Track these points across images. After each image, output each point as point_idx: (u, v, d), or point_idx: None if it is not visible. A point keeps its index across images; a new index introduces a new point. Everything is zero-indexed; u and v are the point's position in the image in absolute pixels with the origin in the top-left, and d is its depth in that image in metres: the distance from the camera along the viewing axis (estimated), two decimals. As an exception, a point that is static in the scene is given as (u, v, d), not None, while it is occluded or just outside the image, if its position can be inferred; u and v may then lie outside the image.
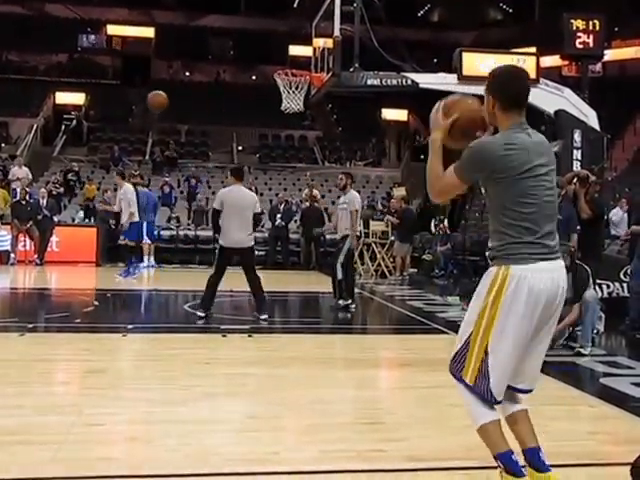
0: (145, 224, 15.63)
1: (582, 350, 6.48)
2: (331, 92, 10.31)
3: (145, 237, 15.67)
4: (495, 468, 3.18)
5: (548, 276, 2.89)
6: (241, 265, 8.54)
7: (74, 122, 27.06)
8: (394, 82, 8.92)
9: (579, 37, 10.49)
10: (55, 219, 16.46)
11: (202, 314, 8.14)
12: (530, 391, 3.08)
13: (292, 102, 9.87)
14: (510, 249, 2.90)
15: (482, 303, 2.92)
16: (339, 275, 9.18)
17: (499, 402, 2.95)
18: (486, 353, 2.89)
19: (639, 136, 24.54)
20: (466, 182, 3.03)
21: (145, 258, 15.71)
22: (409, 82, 9.00)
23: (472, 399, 2.97)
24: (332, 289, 9.61)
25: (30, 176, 17.46)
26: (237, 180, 8.40)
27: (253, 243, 8.55)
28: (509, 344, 2.87)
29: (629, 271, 8.53)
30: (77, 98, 29.01)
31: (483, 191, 3.07)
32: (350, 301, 9.18)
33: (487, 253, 3.08)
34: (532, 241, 2.88)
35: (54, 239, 16.01)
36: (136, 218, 13.01)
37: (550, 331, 3.02)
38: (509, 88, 3.00)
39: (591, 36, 10.50)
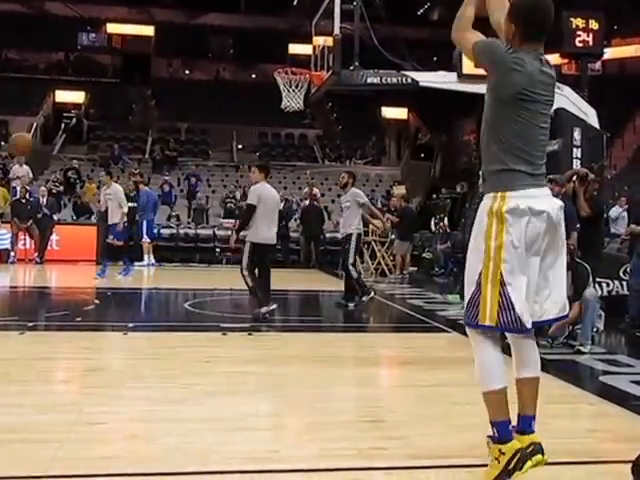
0: (145, 223, 15.68)
1: (582, 348, 6.49)
2: (331, 90, 10.30)
3: (145, 236, 15.70)
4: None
5: (542, 200, 2.93)
6: (261, 260, 8.40)
7: (74, 120, 27.05)
8: (394, 80, 8.92)
9: (579, 35, 10.49)
10: (55, 217, 16.48)
11: (273, 306, 8.20)
12: (562, 317, 3.10)
13: (292, 100, 9.87)
14: (505, 176, 2.92)
15: (484, 236, 2.90)
16: (353, 274, 9.25)
17: (530, 330, 2.93)
18: (502, 284, 2.86)
19: (639, 134, 24.53)
20: (475, 60, 3.05)
21: (145, 257, 15.73)
22: (409, 80, 9.00)
23: (484, 363, 2.95)
24: (344, 289, 9.69)
25: (31, 174, 17.47)
26: (265, 177, 8.40)
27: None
28: (520, 270, 2.86)
29: (628, 269, 8.54)
30: (77, 96, 29.01)
31: (484, 112, 3.08)
32: (371, 293, 9.31)
33: (480, 182, 3.11)
34: (527, 170, 2.91)
35: (54, 237, 16.03)
36: (124, 218, 12.93)
37: (559, 255, 3.02)
38: (532, 18, 2.99)
39: (591, 34, 10.50)
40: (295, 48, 28.09)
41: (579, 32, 10.50)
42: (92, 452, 3.45)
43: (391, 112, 30.24)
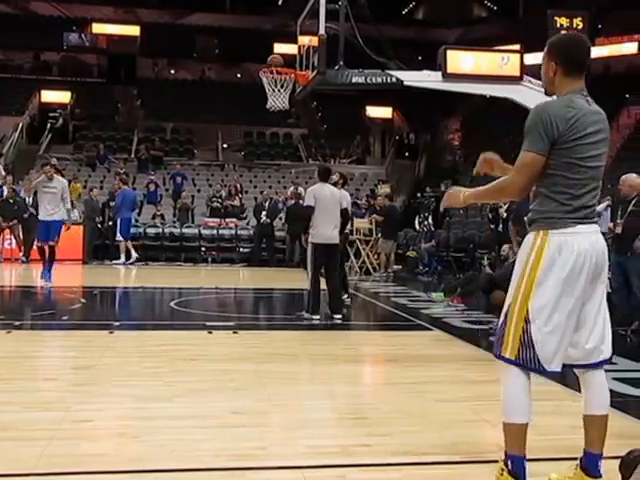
0: (119, 221, 15.69)
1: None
2: (316, 90, 10.31)
3: (118, 234, 15.72)
4: (480, 463, 3.24)
5: (586, 238, 2.86)
6: (327, 262, 8.35)
7: (60, 120, 26.92)
8: (379, 80, 8.94)
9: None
10: (41, 217, 16.37)
11: (316, 316, 8.15)
12: (604, 362, 3.03)
13: (277, 100, 9.86)
14: (550, 213, 2.87)
15: (520, 271, 2.88)
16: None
17: (551, 373, 2.91)
18: (526, 322, 2.83)
19: (622, 133, 24.72)
20: (542, 152, 2.85)
21: (122, 256, 15.72)
22: (394, 80, 9.02)
23: (510, 393, 2.91)
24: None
25: (2, 172, 17.35)
26: (323, 181, 8.41)
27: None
28: (552, 310, 2.82)
29: (610, 267, 8.63)
30: (63, 96, 28.83)
31: None
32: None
33: (527, 216, 3.06)
34: (573, 207, 2.86)
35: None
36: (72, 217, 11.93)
37: (600, 296, 2.95)
38: (572, 52, 3.01)
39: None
40: (280, 48, 28.00)
41: (563, 31, 10.57)
42: (79, 450, 3.46)
43: (376, 111, 30.32)
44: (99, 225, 17.19)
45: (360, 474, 3.30)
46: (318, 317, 8.21)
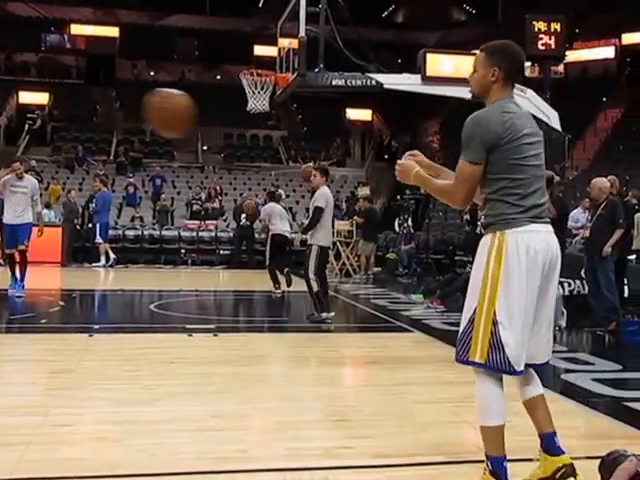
0: (98, 225, 15.60)
1: (544, 346, 6.59)
2: (296, 92, 10.32)
3: (98, 237, 15.62)
4: (462, 463, 3.26)
5: (542, 237, 2.93)
6: (324, 264, 8.48)
7: (38, 122, 26.67)
8: (359, 82, 8.98)
9: (541, 39, 10.66)
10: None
11: (332, 313, 8.22)
12: (547, 362, 3.10)
13: (257, 102, 9.87)
14: (504, 215, 2.91)
15: (482, 274, 2.89)
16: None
17: (520, 372, 2.91)
18: (494, 324, 2.84)
19: (600, 136, 25.00)
20: (481, 161, 2.92)
21: (102, 258, 15.61)
22: (374, 82, 9.07)
23: (484, 397, 2.93)
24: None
25: None
26: (326, 180, 8.39)
27: None
28: (517, 310, 2.84)
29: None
30: (41, 98, 28.60)
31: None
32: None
33: (481, 221, 3.09)
34: (525, 206, 2.91)
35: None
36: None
37: (553, 295, 3.02)
38: (517, 59, 3.06)
39: (553, 37, 10.68)
40: (260, 50, 28.06)
41: (541, 35, 10.67)
42: (59, 454, 3.43)
43: (355, 114, 30.40)
44: (78, 227, 17.07)
45: (342, 476, 3.30)
46: (333, 314, 8.26)
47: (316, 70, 8.85)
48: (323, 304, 8.18)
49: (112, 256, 15.78)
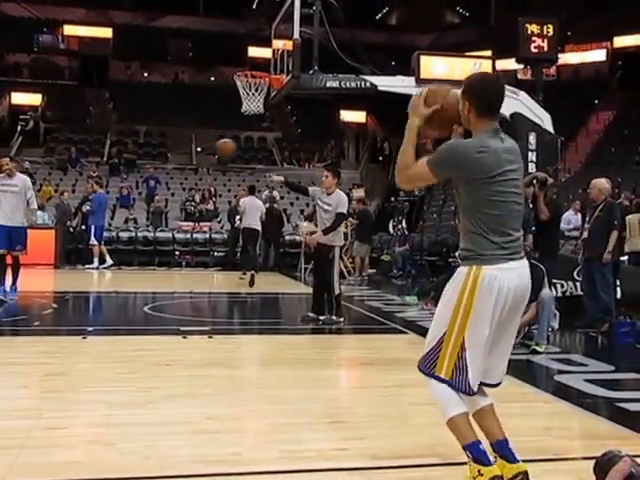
0: (93, 227, 15.55)
1: (537, 348, 6.63)
2: (290, 94, 10.32)
3: (92, 239, 15.57)
4: (456, 464, 3.26)
5: (516, 274, 3.03)
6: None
7: (30, 123, 26.59)
8: (353, 85, 8.99)
9: (534, 41, 10.69)
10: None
11: (342, 318, 8.29)
12: (499, 384, 3.21)
13: (252, 104, 9.87)
14: (480, 250, 3.02)
15: (455, 302, 3.01)
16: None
17: (474, 393, 3.05)
18: (462, 348, 2.99)
19: (592, 139, 25.09)
20: (437, 177, 3.12)
21: (95, 260, 15.57)
22: (368, 85, 9.07)
23: (442, 393, 3.04)
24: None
25: None
26: (338, 182, 8.42)
27: None
28: (483, 340, 2.99)
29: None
30: (33, 99, 28.53)
31: (455, 192, 3.15)
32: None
33: (458, 253, 3.18)
34: (501, 243, 3.01)
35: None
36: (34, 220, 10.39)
37: (516, 326, 3.17)
38: (485, 95, 3.09)
39: (545, 40, 10.71)
40: (254, 51, 28.08)
41: (534, 38, 10.70)
42: (52, 457, 3.42)
43: (350, 115, 30.43)
44: (71, 229, 17.02)
45: (337, 479, 3.30)
46: (342, 319, 8.34)
47: (310, 72, 8.86)
48: (339, 307, 8.28)
49: (109, 261, 15.73)
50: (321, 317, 8.26)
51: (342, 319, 8.34)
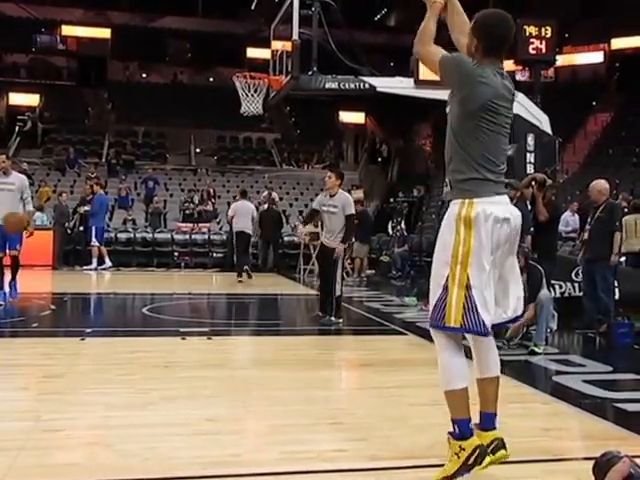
0: (94, 228, 15.55)
1: (536, 349, 6.63)
2: (289, 95, 10.33)
3: (94, 240, 15.57)
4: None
5: (504, 207, 3.08)
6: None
7: (28, 124, 26.56)
8: (352, 86, 9.00)
9: (532, 43, 10.71)
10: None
11: (340, 320, 8.32)
12: (516, 318, 3.30)
13: (251, 105, 9.88)
14: (472, 183, 3.03)
15: (453, 241, 3.00)
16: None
17: (489, 334, 3.06)
18: (468, 288, 2.96)
19: (590, 140, 25.12)
20: (440, 75, 3.14)
21: (93, 261, 15.57)
22: (367, 86, 9.08)
23: (449, 362, 3.04)
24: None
25: None
26: (341, 184, 8.50)
27: None
28: (487, 274, 2.98)
29: (580, 271, 8.79)
30: (31, 99, 28.52)
31: (448, 126, 3.16)
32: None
33: (446, 183, 3.17)
34: (492, 178, 3.05)
35: (8, 242, 15.69)
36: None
37: (514, 256, 3.21)
38: (493, 32, 3.13)
39: (543, 42, 10.73)
40: (253, 52, 28.09)
41: (532, 39, 10.72)
42: (51, 460, 3.41)
43: (349, 117, 30.46)
44: (69, 230, 17.00)
45: (337, 479, 3.30)
46: (342, 320, 8.38)
47: (309, 73, 8.86)
48: (339, 308, 8.32)
49: (108, 263, 15.73)
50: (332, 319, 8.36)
51: (341, 320, 8.37)
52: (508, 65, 17.44)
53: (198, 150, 27.23)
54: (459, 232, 2.98)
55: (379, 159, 28.38)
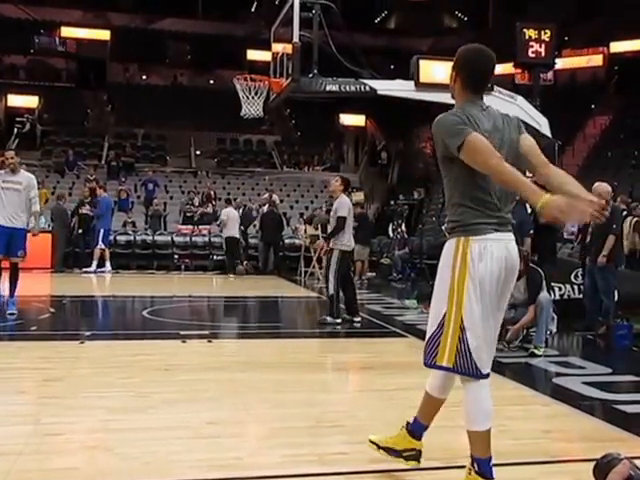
0: (102, 230, 15.55)
1: (536, 351, 6.64)
2: (290, 97, 10.32)
3: (100, 243, 15.56)
4: (457, 468, 3.26)
5: (503, 245, 2.97)
6: (347, 268, 9.07)
7: (27, 125, 26.55)
8: (352, 88, 8.98)
9: (531, 46, 10.71)
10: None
11: (339, 320, 8.54)
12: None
13: (251, 107, 9.87)
14: (468, 221, 2.96)
15: (449, 279, 2.95)
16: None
17: (486, 376, 2.96)
18: (462, 329, 2.91)
19: (588, 142, 25.14)
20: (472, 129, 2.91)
21: (93, 263, 15.57)
22: (367, 88, 9.07)
23: (474, 401, 2.97)
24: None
25: None
26: (344, 191, 8.98)
27: None
28: (482, 315, 2.91)
29: (579, 274, 8.80)
30: (30, 101, 28.49)
31: (443, 171, 3.07)
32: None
33: (444, 226, 3.14)
34: (489, 213, 2.95)
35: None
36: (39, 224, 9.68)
37: (507, 299, 3.09)
38: (474, 68, 3.05)
39: (543, 45, 10.73)
40: (253, 54, 28.10)
41: (532, 43, 10.72)
42: (50, 464, 3.40)
43: (349, 119, 30.49)
44: (68, 233, 16.97)
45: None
46: (340, 321, 8.53)
47: (310, 75, 8.84)
48: (333, 307, 8.49)
49: (108, 266, 15.72)
50: (355, 319, 8.74)
51: (339, 320, 8.48)
52: (508, 68, 17.45)
53: (198, 152, 27.22)
54: (454, 270, 2.95)
55: (379, 161, 28.40)
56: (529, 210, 7.66)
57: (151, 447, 3.66)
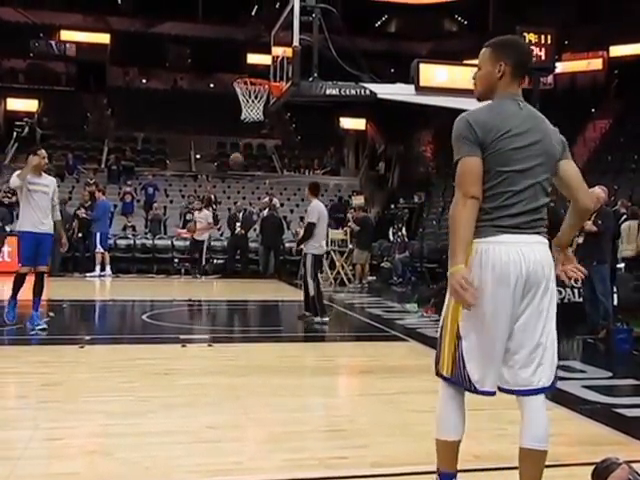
0: (99, 234, 15.54)
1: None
2: (290, 101, 10.32)
3: (99, 246, 15.55)
4: (458, 472, 3.25)
5: (514, 249, 2.67)
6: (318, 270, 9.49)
7: (26, 129, 26.54)
8: (353, 92, 8.97)
9: (531, 50, 10.75)
10: (7, 229, 16.13)
11: (326, 318, 8.90)
12: (540, 391, 2.84)
13: (251, 111, 9.88)
14: (478, 223, 2.69)
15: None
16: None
17: (484, 393, 2.76)
18: (458, 338, 2.71)
19: (588, 146, 25.15)
20: (474, 153, 2.70)
21: (97, 267, 15.54)
22: (367, 92, 9.06)
23: (442, 409, 2.84)
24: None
25: None
26: (315, 196, 9.27)
27: None
28: (482, 325, 2.66)
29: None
30: (29, 105, 28.51)
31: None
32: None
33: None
34: (494, 215, 2.69)
35: (6, 249, 15.68)
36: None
37: (539, 317, 2.71)
38: (524, 53, 2.92)
39: (543, 49, 10.73)
40: (253, 58, 28.13)
41: (532, 47, 10.74)
42: (50, 469, 3.39)
43: (349, 123, 30.52)
44: (69, 237, 16.97)
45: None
46: (327, 319, 8.87)
47: (310, 79, 8.83)
48: (317, 308, 8.81)
49: (108, 271, 15.71)
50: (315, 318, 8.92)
51: (326, 319, 8.85)
52: (508, 71, 17.46)
53: (198, 156, 27.23)
54: None
55: (378, 165, 28.42)
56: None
57: (151, 451, 3.65)
